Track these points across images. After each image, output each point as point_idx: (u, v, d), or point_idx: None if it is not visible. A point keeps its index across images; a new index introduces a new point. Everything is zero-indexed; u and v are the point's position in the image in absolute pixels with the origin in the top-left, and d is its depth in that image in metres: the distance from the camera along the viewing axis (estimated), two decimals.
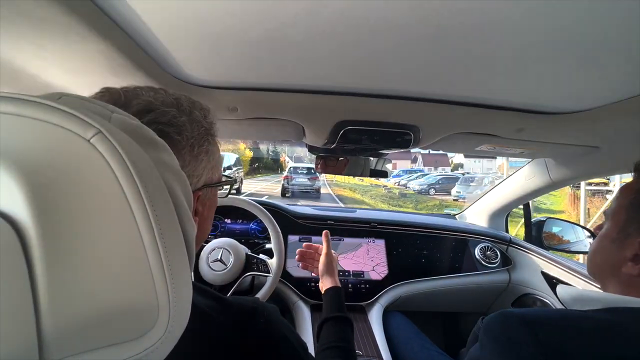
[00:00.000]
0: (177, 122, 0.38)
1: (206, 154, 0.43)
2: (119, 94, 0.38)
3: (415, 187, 17.29)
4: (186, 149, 0.39)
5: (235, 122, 0.84)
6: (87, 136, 0.22)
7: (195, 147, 0.40)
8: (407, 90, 0.72)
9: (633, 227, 0.52)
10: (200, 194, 0.44)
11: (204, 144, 0.42)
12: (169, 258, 0.24)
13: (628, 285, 0.53)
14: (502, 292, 1.44)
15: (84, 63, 0.55)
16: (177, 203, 0.30)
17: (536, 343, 0.46)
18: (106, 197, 0.22)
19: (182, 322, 0.27)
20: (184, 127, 0.39)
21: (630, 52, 0.49)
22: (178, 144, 0.38)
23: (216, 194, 0.50)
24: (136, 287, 0.23)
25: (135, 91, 0.39)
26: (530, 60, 0.54)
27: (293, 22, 0.46)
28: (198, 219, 0.45)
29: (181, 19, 0.47)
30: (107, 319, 0.22)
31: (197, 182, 0.42)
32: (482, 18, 0.43)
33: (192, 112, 0.41)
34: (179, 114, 0.39)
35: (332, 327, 0.71)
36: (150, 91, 0.40)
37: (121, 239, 0.22)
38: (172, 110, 0.39)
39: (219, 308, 0.42)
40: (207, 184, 0.44)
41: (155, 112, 0.37)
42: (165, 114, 0.38)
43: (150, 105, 0.37)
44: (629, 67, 0.54)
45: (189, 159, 0.40)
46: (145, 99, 0.38)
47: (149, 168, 0.25)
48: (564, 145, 0.92)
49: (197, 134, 0.41)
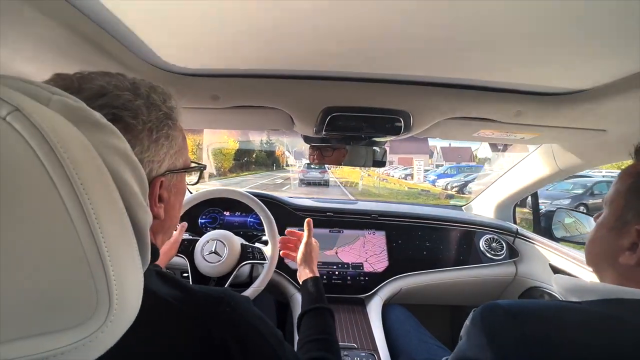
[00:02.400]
0: (131, 106, 0.38)
1: (167, 138, 0.42)
2: (70, 79, 0.37)
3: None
4: (144, 133, 0.39)
5: (218, 111, 0.82)
6: (2, 114, 0.20)
7: (153, 131, 0.40)
8: (395, 74, 0.69)
9: (631, 214, 0.49)
10: (164, 179, 0.43)
11: (163, 129, 0.41)
12: (109, 244, 0.23)
13: (625, 276, 0.50)
14: (508, 285, 1.39)
15: (56, 55, 0.55)
16: (125, 188, 0.29)
17: (521, 335, 0.45)
18: (28, 178, 0.21)
19: (128, 311, 0.26)
20: (139, 110, 0.38)
21: (632, 25, 0.45)
22: (134, 128, 0.38)
23: (183, 180, 0.49)
24: (68, 275, 0.22)
25: (90, 76, 0.38)
26: (526, 39, 0.51)
27: (273, 4, 0.44)
28: (164, 205, 0.45)
29: (154, 4, 0.46)
30: (37, 306, 0.21)
31: (159, 167, 0.42)
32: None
33: (149, 96, 0.41)
34: (134, 98, 0.39)
35: (312, 319, 0.70)
36: (105, 76, 0.39)
37: (48, 223, 0.21)
38: (126, 93, 0.38)
39: (183, 298, 0.41)
40: (170, 170, 0.44)
41: (108, 95, 0.37)
42: (118, 98, 0.37)
43: (103, 89, 0.37)
44: (631, 40, 0.50)
45: (147, 144, 0.39)
46: (98, 83, 0.37)
47: (84, 150, 0.24)
48: (568, 129, 0.86)
49: (155, 118, 0.40)
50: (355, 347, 1.00)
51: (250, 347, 0.43)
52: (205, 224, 1.39)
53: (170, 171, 0.44)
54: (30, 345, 0.21)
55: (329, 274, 1.29)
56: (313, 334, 0.65)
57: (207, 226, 1.39)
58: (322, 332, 0.66)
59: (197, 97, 0.76)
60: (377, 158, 1.12)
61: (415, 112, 0.79)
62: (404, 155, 32.41)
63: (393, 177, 19.21)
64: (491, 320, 0.48)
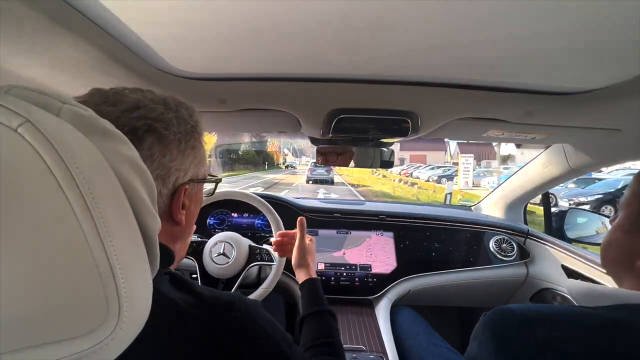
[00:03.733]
0: (164, 118, 0.41)
1: (192, 149, 0.45)
2: (107, 94, 0.40)
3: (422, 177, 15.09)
4: (174, 143, 0.42)
5: (226, 114, 0.83)
6: (13, 125, 0.21)
7: (182, 142, 0.43)
8: (402, 75, 0.68)
9: None
10: (187, 187, 0.45)
11: (190, 140, 0.44)
12: (118, 252, 0.23)
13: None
14: (519, 287, 1.37)
15: (69, 62, 0.56)
16: (134, 196, 0.30)
17: (534, 342, 0.44)
18: (40, 188, 0.21)
19: (137, 319, 0.26)
20: (171, 122, 0.42)
21: None
22: (166, 138, 0.41)
23: (201, 190, 0.52)
24: (79, 283, 0.22)
25: (125, 91, 0.41)
26: (536, 38, 0.50)
27: (278, 8, 0.45)
28: (185, 212, 0.46)
29: (160, 12, 0.47)
30: (47, 315, 0.21)
31: (184, 175, 0.45)
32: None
33: (178, 110, 0.44)
34: (166, 111, 0.42)
35: (312, 323, 0.69)
36: (138, 91, 0.42)
37: (59, 232, 0.21)
38: (159, 107, 0.41)
39: (195, 302, 0.42)
40: (193, 179, 0.46)
41: (144, 108, 0.40)
42: (153, 110, 0.40)
43: (139, 102, 0.40)
44: None
45: (176, 153, 0.42)
46: (134, 97, 0.40)
47: (92, 158, 0.25)
48: (580, 128, 0.85)
49: (184, 130, 0.43)
50: (364, 349, 1.00)
51: (261, 351, 0.44)
52: (214, 225, 1.40)
53: (193, 180, 0.46)
54: (42, 353, 0.21)
55: (337, 275, 1.29)
56: (316, 338, 0.64)
57: (215, 227, 1.40)
58: (326, 335, 0.65)
59: (206, 101, 0.76)
60: (385, 158, 1.11)
61: (423, 113, 0.79)
62: (416, 152, 30.85)
63: (418, 178, 16.81)
64: (503, 326, 0.47)
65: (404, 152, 31.04)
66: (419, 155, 30.74)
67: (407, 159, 29.88)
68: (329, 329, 0.67)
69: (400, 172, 19.26)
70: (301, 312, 0.73)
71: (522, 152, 14.19)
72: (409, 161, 28.70)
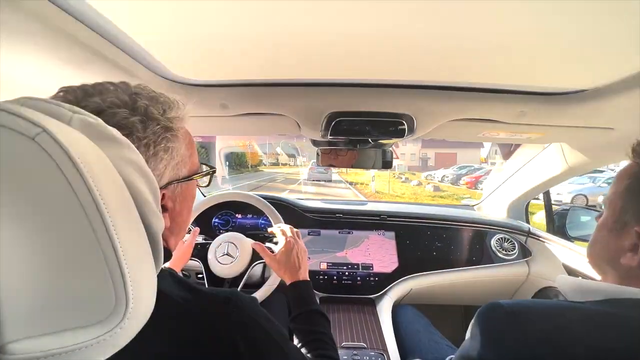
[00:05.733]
0: (125, 124, 0.38)
1: (166, 151, 0.42)
2: (75, 92, 0.39)
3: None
4: (140, 149, 0.39)
5: (227, 118, 0.86)
6: (31, 134, 0.23)
7: (150, 146, 0.40)
8: (396, 79, 0.71)
9: (629, 215, 0.50)
10: (166, 191, 0.44)
11: (161, 142, 0.42)
12: (125, 249, 0.26)
13: (627, 277, 0.50)
14: (521, 285, 1.38)
15: (74, 71, 0.59)
16: (139, 197, 0.32)
17: (522, 335, 0.46)
18: (54, 191, 0.23)
19: (143, 310, 0.28)
20: (134, 127, 0.39)
21: (635, 23, 0.45)
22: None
23: (190, 187, 0.50)
24: (90, 277, 0.24)
25: (91, 90, 0.40)
26: (528, 40, 0.52)
27: (276, 18, 0.46)
28: (168, 214, 0.46)
29: (164, 23, 0.50)
30: (61, 305, 0.23)
31: (159, 180, 0.42)
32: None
33: (147, 110, 0.41)
34: (130, 115, 0.39)
35: (301, 323, 0.69)
36: (108, 87, 0.41)
37: (72, 231, 0.24)
38: (121, 111, 0.39)
39: (193, 298, 0.43)
40: (172, 181, 0.45)
41: (104, 114, 0.38)
42: (113, 115, 0.38)
43: (99, 107, 0.38)
44: (634, 39, 0.50)
45: (145, 158, 0.39)
46: (95, 100, 0.38)
47: (101, 163, 0.27)
48: (573, 128, 0.86)
49: (152, 132, 0.41)
50: (365, 346, 1.02)
51: (258, 345, 0.44)
52: (218, 225, 1.44)
53: (172, 182, 0.45)
54: (57, 340, 0.24)
55: (339, 274, 1.31)
56: (307, 335, 0.65)
57: (220, 228, 1.43)
58: (316, 331, 0.66)
59: (207, 106, 0.80)
60: (386, 159, 1.13)
61: (418, 115, 0.81)
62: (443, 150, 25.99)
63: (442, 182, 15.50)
64: (492, 320, 0.49)
65: (427, 149, 26.51)
66: (446, 153, 25.78)
67: (432, 157, 26.42)
68: (319, 325, 0.68)
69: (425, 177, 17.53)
70: (289, 317, 0.73)
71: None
72: (433, 161, 25.62)
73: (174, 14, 0.47)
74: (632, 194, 0.50)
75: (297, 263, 0.83)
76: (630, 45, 0.52)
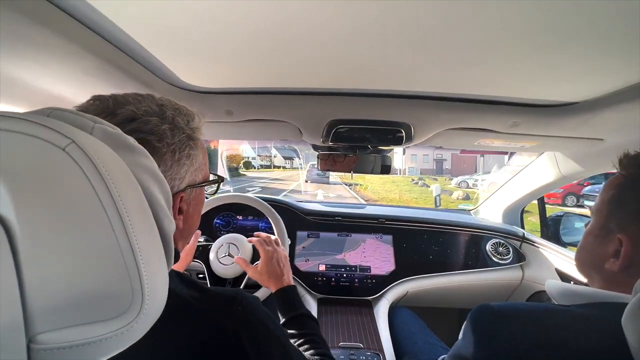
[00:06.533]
0: (157, 130, 0.42)
1: (188, 158, 0.46)
2: (107, 102, 0.42)
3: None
4: (167, 154, 0.43)
5: (232, 124, 0.89)
6: (62, 145, 0.26)
7: (176, 152, 0.44)
8: (396, 89, 0.73)
9: (613, 222, 0.52)
10: (184, 194, 0.47)
11: (185, 149, 0.45)
12: (141, 249, 0.28)
13: (610, 281, 0.53)
14: (515, 289, 1.41)
15: (86, 78, 0.61)
16: (153, 201, 0.35)
17: (508, 335, 0.48)
18: (81, 196, 0.26)
19: (157, 306, 0.30)
20: (164, 134, 0.43)
21: (625, 40, 0.48)
22: (159, 150, 0.42)
23: (202, 192, 0.54)
24: (110, 274, 0.26)
25: (122, 99, 0.43)
26: (522, 54, 0.54)
27: (280, 28, 0.49)
28: (183, 216, 0.49)
29: (172, 33, 0.52)
30: (84, 300, 0.26)
31: (180, 183, 0.46)
32: (471, 13, 0.42)
33: (174, 119, 0.45)
34: (161, 122, 0.43)
35: (291, 327, 0.71)
36: (137, 97, 0.44)
37: (96, 232, 0.26)
38: (153, 119, 0.42)
39: (200, 297, 0.45)
40: (190, 185, 0.48)
41: (138, 121, 0.41)
42: (147, 123, 0.41)
43: (134, 114, 0.41)
44: (624, 55, 0.52)
45: (170, 164, 0.44)
46: (130, 108, 0.42)
47: (121, 171, 0.29)
48: (566, 138, 0.89)
49: (178, 140, 0.44)
50: (362, 347, 1.04)
51: (261, 342, 0.46)
52: (219, 226, 1.46)
53: (190, 186, 0.48)
54: (80, 332, 0.26)
55: (337, 276, 1.34)
56: (298, 337, 0.67)
57: (221, 229, 1.45)
58: (307, 333, 0.68)
59: (213, 112, 0.82)
60: (385, 163, 1.16)
61: (416, 124, 0.84)
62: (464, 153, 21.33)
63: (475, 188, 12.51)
64: (482, 321, 0.52)
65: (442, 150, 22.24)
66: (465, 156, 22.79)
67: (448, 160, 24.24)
68: (309, 328, 0.70)
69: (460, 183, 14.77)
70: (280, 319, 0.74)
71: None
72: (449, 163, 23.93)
73: (182, 22, 0.49)
74: (617, 203, 0.52)
75: (279, 270, 0.85)
76: (618, 61, 0.55)
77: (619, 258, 0.50)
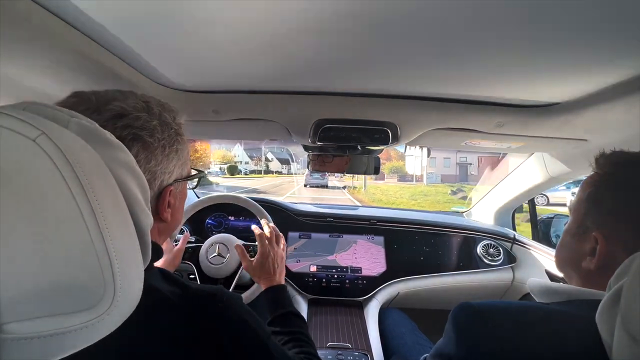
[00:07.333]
0: (148, 126, 0.43)
1: (176, 152, 0.48)
2: (89, 98, 0.42)
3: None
4: (158, 149, 0.44)
5: (219, 123, 0.90)
6: (32, 136, 0.26)
7: (166, 147, 0.45)
8: (381, 89, 0.74)
9: (590, 221, 0.53)
10: (172, 188, 0.49)
11: (174, 144, 0.47)
12: (114, 241, 0.28)
13: (587, 279, 0.53)
14: (506, 291, 1.41)
15: (69, 74, 0.61)
16: (130, 195, 0.35)
17: (486, 332, 0.49)
18: (51, 187, 0.26)
19: (130, 299, 0.30)
20: (155, 129, 0.44)
21: (602, 42, 0.49)
22: (150, 145, 0.43)
23: (186, 186, 0.55)
24: (81, 266, 0.26)
25: (106, 95, 0.43)
26: (504, 55, 0.55)
27: (265, 27, 0.49)
28: (170, 210, 0.50)
29: (161, 33, 0.53)
30: (54, 291, 0.25)
31: (169, 178, 0.47)
32: (455, 13, 0.43)
33: (161, 115, 0.46)
34: (150, 118, 0.44)
35: (279, 325, 0.71)
36: (120, 95, 0.44)
37: (66, 224, 0.26)
38: (143, 114, 0.43)
39: (181, 293, 0.45)
40: (177, 179, 0.50)
41: (128, 117, 0.42)
42: (137, 119, 0.42)
43: (123, 111, 0.42)
44: (602, 57, 0.53)
45: (160, 158, 0.45)
46: (118, 104, 0.42)
47: (94, 163, 0.30)
48: (550, 139, 0.90)
49: (168, 135, 0.46)
50: (350, 347, 1.04)
51: (241, 340, 0.46)
52: (211, 226, 1.46)
53: (177, 180, 0.50)
54: (49, 323, 0.26)
55: (328, 277, 1.34)
56: (285, 335, 0.67)
57: (212, 229, 1.45)
58: (294, 332, 0.68)
59: (200, 111, 0.83)
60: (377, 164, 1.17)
61: (402, 124, 0.85)
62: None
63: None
64: (461, 318, 0.52)
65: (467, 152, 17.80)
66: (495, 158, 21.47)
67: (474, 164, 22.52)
68: (295, 326, 0.70)
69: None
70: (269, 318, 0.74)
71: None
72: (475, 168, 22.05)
73: (168, 21, 0.49)
74: (593, 202, 0.53)
75: (272, 269, 0.85)
76: (596, 63, 0.56)
77: (595, 256, 0.51)
